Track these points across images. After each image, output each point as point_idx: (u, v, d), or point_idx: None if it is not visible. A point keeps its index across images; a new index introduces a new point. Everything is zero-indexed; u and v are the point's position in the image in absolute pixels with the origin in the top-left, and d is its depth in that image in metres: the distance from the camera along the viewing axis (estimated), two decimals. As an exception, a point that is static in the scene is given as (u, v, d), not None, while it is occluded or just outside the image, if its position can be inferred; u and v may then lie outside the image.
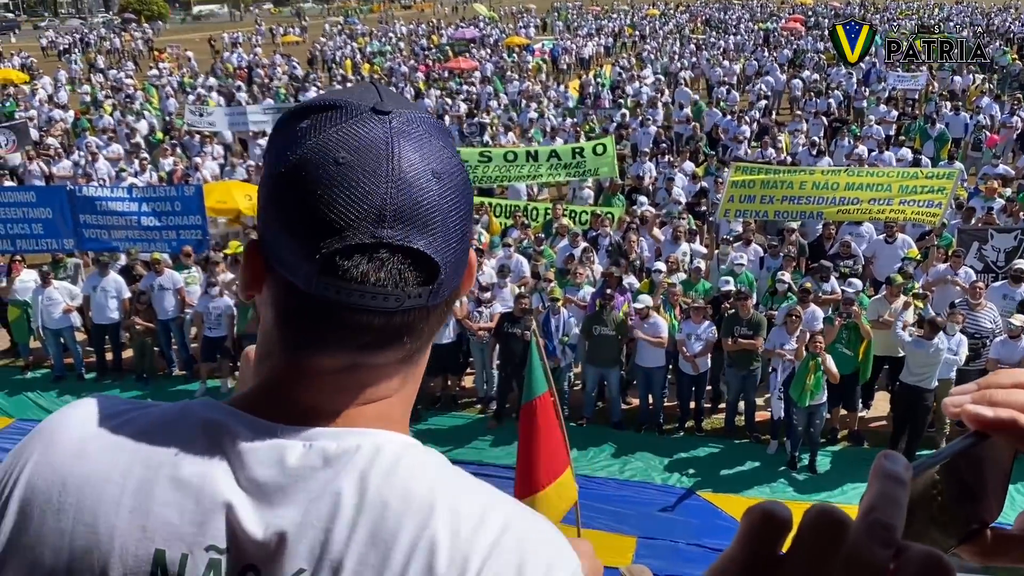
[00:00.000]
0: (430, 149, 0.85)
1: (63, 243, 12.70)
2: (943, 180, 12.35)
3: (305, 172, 0.81)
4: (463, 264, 0.89)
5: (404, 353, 0.89)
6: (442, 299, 0.87)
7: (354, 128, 0.83)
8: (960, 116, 21.54)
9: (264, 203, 0.86)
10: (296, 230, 0.81)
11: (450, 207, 0.84)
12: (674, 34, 46.83)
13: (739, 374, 10.03)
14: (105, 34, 53.79)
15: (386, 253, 0.81)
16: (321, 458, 0.82)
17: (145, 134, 22.87)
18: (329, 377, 0.87)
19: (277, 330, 0.88)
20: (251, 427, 0.84)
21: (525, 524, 0.84)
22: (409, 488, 0.81)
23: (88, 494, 0.82)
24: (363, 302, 0.81)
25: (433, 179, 0.83)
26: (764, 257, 12.07)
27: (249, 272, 0.89)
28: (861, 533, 0.48)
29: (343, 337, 0.84)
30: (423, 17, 66.72)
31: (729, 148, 20.08)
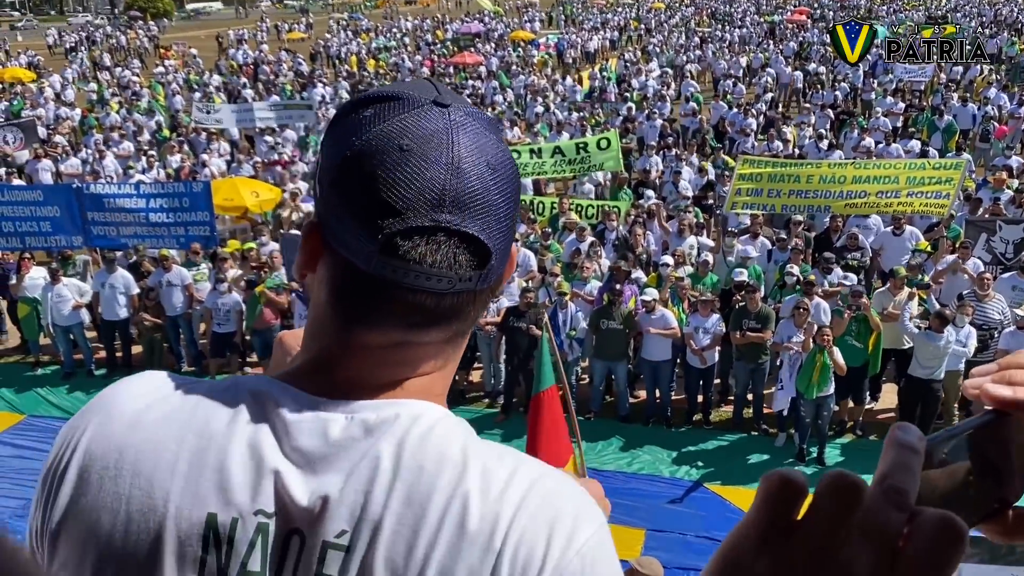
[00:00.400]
0: (486, 142, 0.90)
1: (71, 240, 12.75)
2: (950, 171, 12.29)
3: (370, 157, 0.86)
4: (508, 254, 0.94)
5: (449, 334, 0.93)
6: (489, 285, 0.92)
7: (416, 118, 0.88)
8: (968, 107, 21.46)
9: (327, 186, 0.90)
10: (359, 212, 0.86)
11: (502, 198, 0.89)
12: (680, 27, 46.70)
13: (747, 367, 10.02)
14: (111, 32, 53.89)
15: (443, 236, 0.86)
16: (362, 429, 0.87)
17: (152, 131, 22.93)
18: (377, 353, 0.91)
19: (331, 307, 0.92)
20: (297, 400, 0.89)
21: (552, 482, 0.88)
22: (443, 451, 0.86)
23: (144, 460, 0.87)
24: (418, 283, 0.86)
25: (488, 170, 0.88)
26: (772, 250, 12.05)
27: (307, 252, 0.94)
28: (876, 498, 0.49)
29: (395, 315, 0.88)
30: (428, 12, 66.66)
31: (736, 141, 20.04)
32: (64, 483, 0.89)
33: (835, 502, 0.50)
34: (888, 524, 0.48)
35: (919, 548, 0.48)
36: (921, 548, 0.48)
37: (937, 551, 0.48)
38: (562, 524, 0.84)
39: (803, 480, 0.51)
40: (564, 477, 0.91)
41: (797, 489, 0.51)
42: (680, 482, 9.37)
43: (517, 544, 0.82)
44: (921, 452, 0.52)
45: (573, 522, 0.85)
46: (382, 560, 0.82)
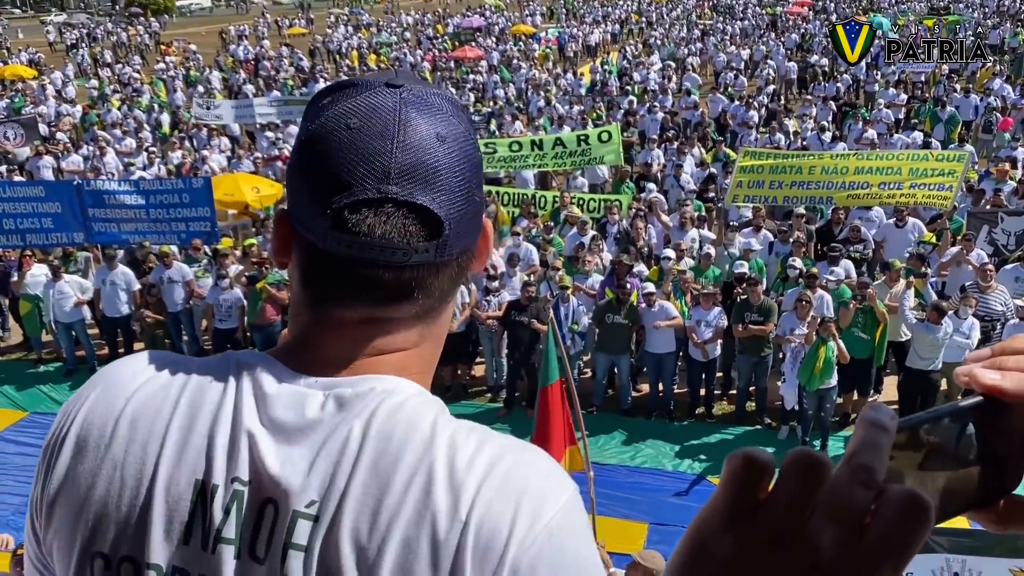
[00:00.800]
0: (438, 116, 0.92)
1: (73, 236, 12.75)
2: (953, 163, 12.24)
3: (321, 138, 0.90)
4: (473, 225, 0.96)
5: (418, 308, 0.95)
6: (451, 256, 0.93)
7: (367, 98, 0.92)
8: (970, 98, 21.39)
9: (289, 172, 0.95)
10: (312, 191, 0.90)
11: (454, 167, 0.91)
12: (681, 20, 46.58)
13: (750, 360, 10.01)
14: (112, 28, 53.86)
15: (391, 207, 0.88)
16: (336, 403, 0.89)
17: (153, 127, 22.93)
18: (349, 330, 0.94)
19: (302, 289, 0.96)
20: (280, 374, 0.92)
21: (518, 455, 0.88)
22: (411, 423, 0.88)
23: (139, 428, 0.91)
24: (372, 255, 0.88)
25: (437, 141, 0.90)
26: (774, 243, 12.01)
27: (278, 238, 0.98)
28: (842, 475, 0.49)
29: (358, 291, 0.91)
30: (429, 7, 66.53)
31: (738, 134, 19.99)
32: (62, 452, 0.94)
33: (800, 479, 0.49)
34: (854, 501, 0.49)
35: (883, 524, 0.48)
36: (885, 524, 0.48)
37: (902, 527, 0.48)
38: (529, 497, 0.84)
39: (768, 459, 0.51)
40: (532, 449, 0.92)
41: (761, 468, 0.50)
42: (683, 476, 9.37)
43: (482, 517, 0.82)
44: (891, 431, 0.51)
45: (541, 495, 0.85)
46: (347, 529, 0.83)
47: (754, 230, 12.19)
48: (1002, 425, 0.58)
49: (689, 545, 0.52)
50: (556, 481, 0.88)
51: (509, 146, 15.74)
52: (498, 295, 10.72)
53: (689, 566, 0.51)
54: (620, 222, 13.02)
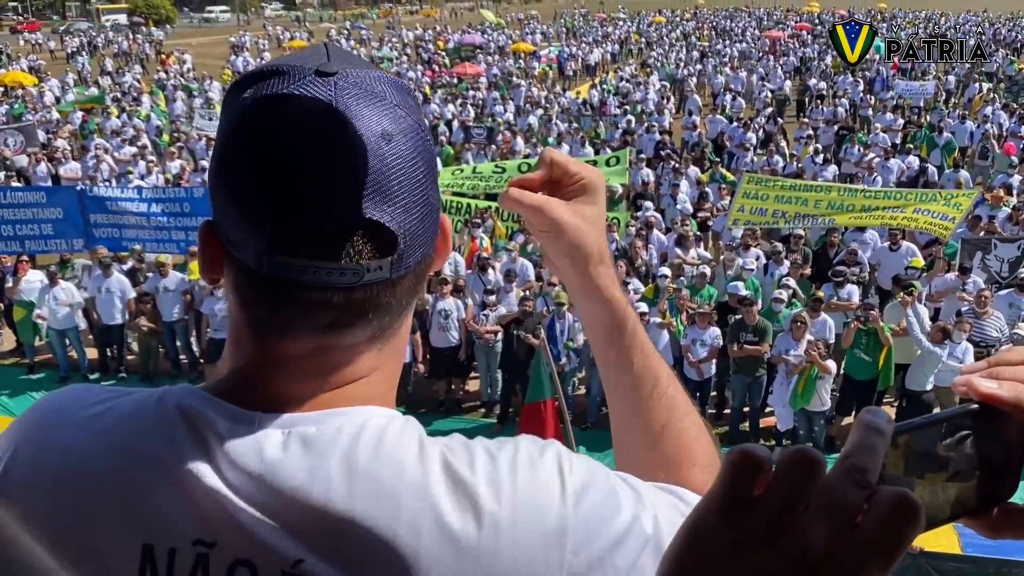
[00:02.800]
0: (380, 108, 0.77)
1: (72, 243, 12.74)
2: (961, 198, 12.18)
3: (246, 144, 0.76)
4: (430, 230, 0.83)
5: (373, 331, 0.82)
6: (408, 269, 0.81)
7: (295, 92, 0.76)
8: (966, 124, 21.55)
9: (211, 181, 0.80)
10: (241, 207, 0.76)
11: (405, 169, 0.77)
12: (680, 41, 46.89)
13: (745, 380, 10.02)
14: (113, 37, 54.01)
15: (335, 224, 0.75)
16: (302, 444, 0.77)
17: (152, 137, 22.96)
18: (298, 362, 0.81)
19: (241, 316, 0.83)
20: (229, 416, 0.80)
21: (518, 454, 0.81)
22: (398, 459, 0.77)
23: (69, 488, 0.78)
24: (317, 279, 0.76)
25: (383, 141, 0.76)
26: (768, 264, 12.05)
27: (207, 256, 0.83)
28: (836, 473, 0.51)
29: (304, 318, 0.79)
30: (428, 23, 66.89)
31: (735, 156, 20.10)
32: None
33: (795, 475, 0.51)
34: (846, 499, 0.50)
35: (874, 522, 0.49)
36: (876, 522, 0.49)
37: (891, 526, 0.49)
38: (550, 499, 0.77)
39: (765, 455, 0.52)
40: (528, 441, 0.83)
41: (758, 463, 0.52)
42: (676, 495, 9.32)
43: (514, 541, 0.75)
44: (887, 434, 0.53)
45: (561, 491, 0.78)
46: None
47: (744, 248, 12.20)
48: (998, 434, 0.60)
49: (685, 536, 0.53)
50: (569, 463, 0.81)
51: (519, 167, 15.79)
52: (495, 309, 10.74)
53: (684, 556, 0.52)
54: (617, 240, 13.06)
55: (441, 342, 10.80)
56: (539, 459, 0.80)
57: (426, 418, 10.79)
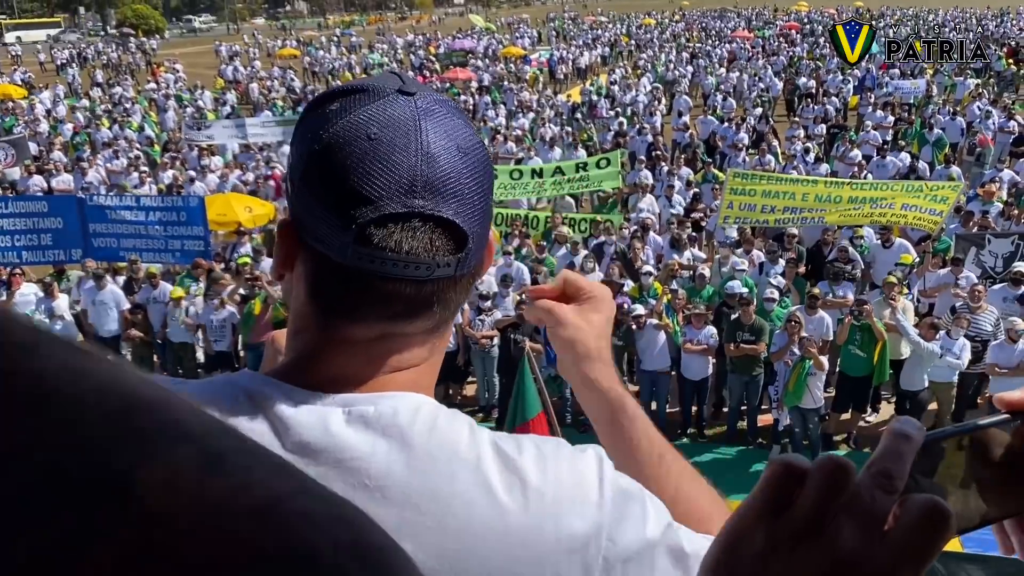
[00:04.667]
0: (454, 127, 0.89)
1: (71, 253, 12.70)
2: (947, 191, 12.26)
3: (338, 148, 0.85)
4: (485, 239, 0.94)
5: (433, 323, 0.93)
6: (470, 268, 0.92)
7: (383, 107, 0.87)
8: (957, 120, 21.62)
9: (298, 182, 0.89)
10: (331, 203, 0.85)
11: (474, 180, 0.89)
12: (671, 43, 47.01)
13: (741, 379, 10.04)
14: (103, 48, 53.94)
15: (418, 222, 0.85)
16: (362, 422, 0.86)
17: (145, 148, 22.94)
18: (361, 346, 0.91)
19: (311, 303, 0.91)
20: (291, 395, 0.87)
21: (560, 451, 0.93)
22: (452, 442, 0.87)
23: None
24: (396, 271, 0.85)
25: (459, 153, 0.88)
26: (763, 263, 12.08)
27: (283, 250, 0.93)
28: (864, 480, 0.53)
29: (375, 306, 0.88)
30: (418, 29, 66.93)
31: (727, 156, 20.14)
32: None
33: (824, 482, 0.53)
34: (874, 505, 0.52)
35: (904, 528, 0.51)
36: (905, 528, 0.51)
37: (921, 533, 0.51)
38: (590, 486, 0.89)
39: (804, 465, 0.55)
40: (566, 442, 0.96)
41: (797, 473, 0.54)
42: (675, 495, 9.33)
43: (556, 517, 0.85)
44: (916, 440, 0.55)
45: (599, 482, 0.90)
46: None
47: (745, 251, 12.24)
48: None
49: (724, 540, 0.56)
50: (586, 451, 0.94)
51: (510, 174, 15.82)
52: (491, 314, 10.74)
53: (724, 555, 0.55)
54: (615, 242, 13.08)
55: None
56: (581, 453, 0.93)
57: (424, 424, 10.79)
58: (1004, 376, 9.36)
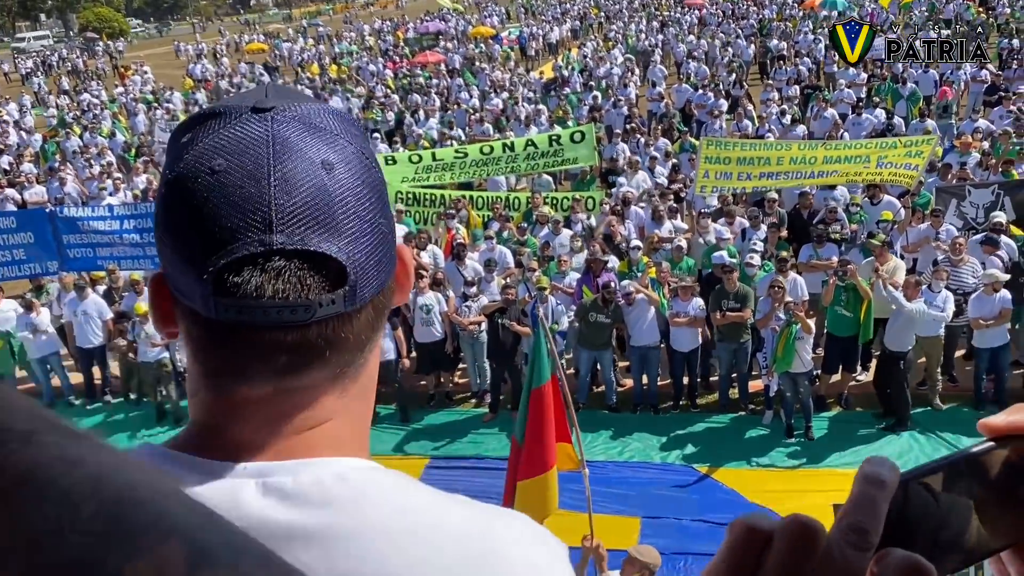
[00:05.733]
0: (320, 139, 0.77)
1: (46, 266, 12.55)
2: (921, 145, 12.31)
3: (183, 188, 0.75)
4: (385, 259, 0.81)
5: (333, 369, 0.79)
6: (365, 301, 0.78)
7: (232, 131, 0.76)
8: (929, 73, 21.63)
9: (156, 229, 0.79)
10: (184, 252, 0.75)
11: (349, 198, 0.76)
12: (640, 12, 46.75)
13: (730, 347, 10.06)
14: (67, 55, 53.18)
15: (280, 260, 0.73)
16: (278, 496, 0.74)
17: (119, 153, 22.69)
18: (257, 407, 0.78)
19: (194, 364, 0.80)
20: (193, 467, 0.76)
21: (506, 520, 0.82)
22: (384, 517, 0.75)
23: None
24: (268, 319, 0.73)
25: (324, 170, 0.75)
26: (746, 229, 12.08)
27: (159, 308, 0.82)
28: (834, 539, 0.48)
29: (258, 362, 0.76)
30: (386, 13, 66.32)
31: (704, 123, 20.10)
32: None
33: (791, 547, 0.49)
34: (847, 565, 0.47)
35: None
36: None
37: None
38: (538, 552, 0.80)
39: (768, 526, 0.50)
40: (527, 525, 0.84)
41: (762, 535, 0.50)
42: (672, 467, 9.39)
43: None
44: (889, 485, 0.50)
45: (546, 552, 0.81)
46: None
47: (727, 219, 12.23)
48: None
49: None
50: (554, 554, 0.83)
51: (480, 149, 15.66)
52: (477, 300, 10.71)
53: None
54: (585, 219, 13.06)
55: (425, 337, 10.76)
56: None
57: (417, 413, 10.78)
58: (987, 328, 9.44)
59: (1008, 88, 19.83)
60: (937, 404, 9.92)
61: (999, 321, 9.44)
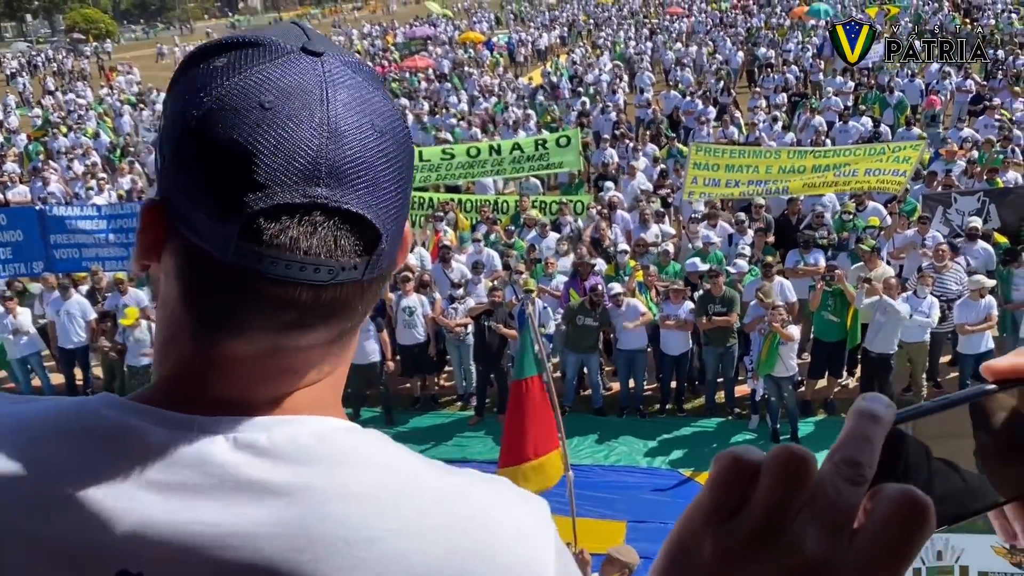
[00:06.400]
0: (369, 99, 0.73)
1: (32, 266, 12.43)
2: (908, 151, 12.38)
3: (223, 118, 0.68)
4: (400, 236, 0.78)
5: (332, 334, 0.76)
6: (383, 271, 0.76)
7: (282, 68, 0.70)
8: (915, 83, 21.83)
9: (172, 155, 0.72)
10: (212, 186, 0.68)
11: (390, 168, 0.73)
12: (628, 20, 46.94)
13: (716, 352, 10.06)
14: (53, 56, 52.87)
15: (320, 216, 0.68)
16: (251, 453, 0.70)
17: (104, 153, 22.56)
18: (247, 364, 0.74)
19: (184, 309, 0.74)
20: (162, 422, 0.71)
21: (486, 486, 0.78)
22: (365, 478, 0.72)
23: None
24: (290, 273, 0.68)
25: (373, 133, 0.72)
26: (732, 234, 12.11)
27: (148, 238, 0.75)
28: (826, 471, 0.46)
29: (263, 316, 0.71)
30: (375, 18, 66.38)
31: (692, 130, 20.17)
32: None
33: (780, 477, 0.46)
34: (840, 499, 0.45)
35: (876, 526, 0.45)
36: (878, 525, 0.45)
37: (896, 529, 0.45)
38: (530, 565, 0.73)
39: (756, 458, 0.47)
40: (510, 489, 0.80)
41: (749, 468, 0.47)
42: (658, 471, 9.37)
43: None
44: (884, 420, 0.47)
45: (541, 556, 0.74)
46: None
47: (710, 224, 12.25)
48: None
49: (671, 546, 0.48)
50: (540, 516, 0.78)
51: (467, 151, 15.63)
52: (463, 302, 10.66)
53: (671, 567, 0.48)
54: (573, 222, 13.07)
55: (407, 339, 10.69)
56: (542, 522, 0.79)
57: (403, 416, 10.72)
58: (973, 333, 9.47)
59: (992, 98, 20.00)
60: (922, 410, 9.92)
61: (985, 327, 9.48)
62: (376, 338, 10.18)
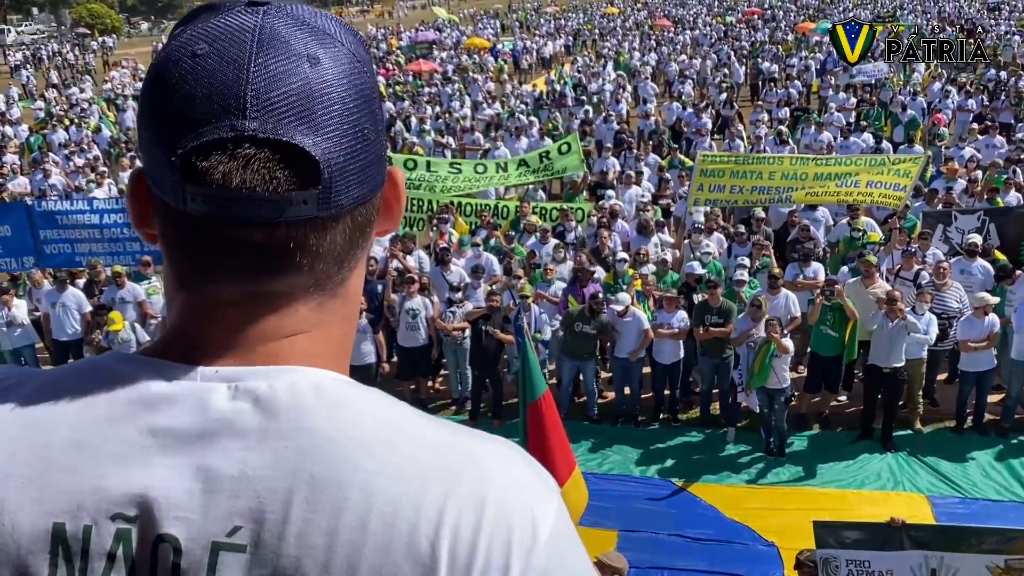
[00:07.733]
0: (310, 36, 0.74)
1: (22, 261, 12.35)
2: (909, 164, 12.42)
3: (164, 71, 0.73)
4: (370, 170, 0.77)
5: (308, 278, 0.77)
6: (341, 208, 0.75)
7: (221, 20, 0.74)
8: (918, 101, 21.87)
9: (137, 118, 0.77)
10: (157, 137, 0.72)
11: (332, 95, 0.73)
12: (633, 31, 47.05)
13: (712, 362, 10.03)
14: (58, 49, 52.90)
15: (250, 148, 0.70)
16: (251, 400, 0.73)
17: (105, 147, 22.53)
18: (231, 311, 0.76)
19: (168, 265, 0.79)
20: (161, 371, 0.75)
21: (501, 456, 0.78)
22: (361, 424, 0.74)
23: None
24: (232, 210, 0.70)
25: (308, 63, 0.72)
26: (731, 245, 12.10)
27: (135, 204, 0.80)
28: None
29: (226, 261, 0.74)
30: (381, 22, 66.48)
31: (693, 141, 20.19)
32: None
33: None
34: None
35: None
36: None
37: None
38: (523, 517, 0.73)
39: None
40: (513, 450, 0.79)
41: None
42: (651, 481, 9.33)
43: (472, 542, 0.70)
44: None
45: (532, 512, 0.73)
46: (293, 559, 0.69)
47: (707, 233, 12.24)
48: None
49: None
50: (545, 486, 0.77)
51: (475, 168, 15.70)
52: (461, 306, 10.63)
53: None
54: (576, 228, 13.06)
55: (409, 342, 10.65)
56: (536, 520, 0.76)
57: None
58: (976, 350, 9.43)
59: (994, 118, 20.03)
60: (918, 428, 9.91)
61: (988, 344, 9.45)
62: (372, 339, 10.14)
